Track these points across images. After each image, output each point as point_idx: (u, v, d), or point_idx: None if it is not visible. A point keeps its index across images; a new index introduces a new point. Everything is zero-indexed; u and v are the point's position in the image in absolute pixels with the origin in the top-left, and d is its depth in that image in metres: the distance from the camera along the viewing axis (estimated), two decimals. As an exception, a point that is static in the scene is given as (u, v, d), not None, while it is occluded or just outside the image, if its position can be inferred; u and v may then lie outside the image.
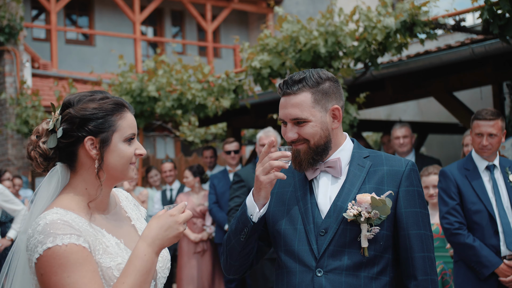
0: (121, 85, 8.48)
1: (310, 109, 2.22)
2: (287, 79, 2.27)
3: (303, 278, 2.19)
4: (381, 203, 2.15)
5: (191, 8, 16.22)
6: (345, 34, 6.05)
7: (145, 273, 1.78)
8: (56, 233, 1.76)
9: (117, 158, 1.92)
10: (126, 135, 1.92)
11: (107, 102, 1.92)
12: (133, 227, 2.06)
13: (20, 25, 11.62)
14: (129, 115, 1.96)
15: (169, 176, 8.01)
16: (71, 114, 1.90)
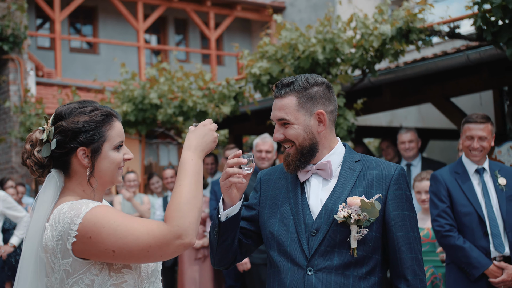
0: (123, 93, 8.58)
1: (294, 112, 2.34)
2: (278, 82, 2.40)
3: (294, 277, 2.27)
4: (370, 206, 2.23)
5: (195, 16, 16.35)
6: (342, 41, 6.13)
7: (196, 173, 1.93)
8: (86, 204, 1.91)
9: (108, 165, 2.05)
10: (115, 143, 2.06)
11: (97, 114, 2.05)
12: None
13: (24, 34, 11.75)
14: (117, 124, 2.09)
15: (170, 183, 8.08)
16: (64, 127, 2.03)
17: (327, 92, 2.39)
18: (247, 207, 2.50)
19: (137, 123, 8.60)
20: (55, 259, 1.90)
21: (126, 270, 1.92)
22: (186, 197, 1.84)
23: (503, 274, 3.97)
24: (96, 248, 1.85)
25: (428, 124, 11.02)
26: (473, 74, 6.31)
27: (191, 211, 1.82)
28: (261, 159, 5.99)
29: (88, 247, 1.86)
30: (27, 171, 11.61)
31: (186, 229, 1.80)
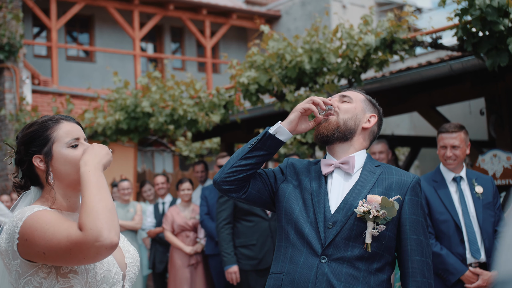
0: (116, 101, 8.68)
1: (357, 99, 2.65)
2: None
3: (308, 260, 2.41)
4: (390, 204, 2.38)
5: (190, 24, 16.48)
6: (329, 51, 6.24)
7: (96, 181, 1.98)
8: (31, 208, 2.00)
9: (65, 165, 2.13)
10: (66, 141, 2.14)
11: (42, 122, 2.17)
12: None
13: (19, 43, 11.86)
14: (65, 124, 2.18)
15: (161, 189, 8.17)
16: (17, 145, 2.18)
17: (379, 113, 2.70)
18: (271, 172, 2.64)
19: (130, 131, 8.69)
20: (8, 260, 2.00)
21: (72, 275, 2.00)
22: (92, 203, 1.91)
23: (479, 280, 4.06)
24: (31, 250, 1.94)
25: (420, 132, 11.11)
26: (457, 84, 6.42)
27: (101, 214, 1.88)
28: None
29: (27, 249, 1.95)
30: (22, 179, 11.68)
31: (100, 230, 1.85)
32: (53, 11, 14.23)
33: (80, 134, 2.19)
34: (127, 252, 2.23)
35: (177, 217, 7.28)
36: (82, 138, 2.19)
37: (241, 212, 6.02)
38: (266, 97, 9.08)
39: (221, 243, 6.05)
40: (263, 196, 2.58)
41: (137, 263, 2.25)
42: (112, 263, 2.09)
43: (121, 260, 2.18)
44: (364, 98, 2.65)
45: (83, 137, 2.20)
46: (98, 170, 2.03)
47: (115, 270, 2.10)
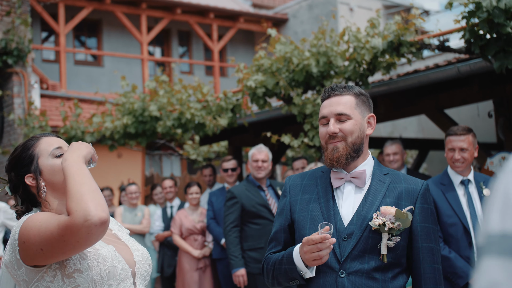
0: (124, 105, 8.71)
1: (352, 109, 2.50)
2: (333, 85, 2.57)
3: (327, 279, 2.41)
4: (404, 216, 2.38)
5: (198, 28, 16.52)
6: (336, 54, 6.23)
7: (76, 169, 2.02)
8: (29, 214, 2.07)
9: (54, 173, 2.19)
10: (50, 151, 2.21)
11: (23, 144, 2.25)
12: (113, 234, 2.34)
13: (28, 48, 11.93)
14: (45, 139, 2.26)
15: (169, 193, 8.19)
16: (7, 173, 2.26)
17: (372, 106, 2.61)
18: (281, 214, 2.62)
19: (138, 135, 8.72)
20: (14, 271, 2.05)
21: (77, 274, 2.03)
22: (75, 187, 1.94)
23: None
24: (30, 250, 1.97)
25: (428, 135, 11.08)
26: (465, 86, 6.40)
27: (84, 195, 1.91)
28: (257, 169, 6.11)
29: (26, 251, 1.98)
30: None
31: (85, 209, 1.87)
32: (61, 16, 14.31)
33: (61, 143, 2.25)
34: (135, 250, 2.26)
35: (185, 221, 7.29)
36: (64, 146, 2.25)
37: (248, 215, 6.02)
38: (273, 101, 9.09)
39: (228, 246, 6.05)
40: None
41: (147, 261, 2.27)
42: (117, 259, 2.11)
43: (129, 258, 2.20)
44: (355, 101, 2.52)
45: (65, 146, 2.25)
46: (78, 162, 2.06)
47: (121, 266, 2.12)
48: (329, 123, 2.49)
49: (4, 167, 2.29)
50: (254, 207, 5.99)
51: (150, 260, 2.31)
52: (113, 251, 2.12)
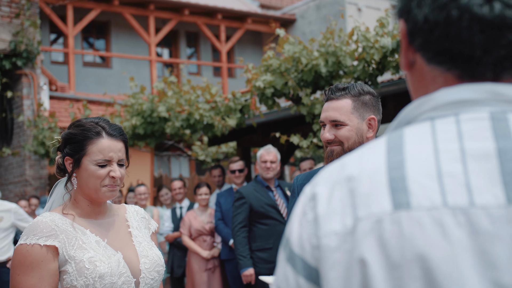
0: (132, 106, 8.73)
1: (348, 114, 2.43)
2: (333, 86, 2.49)
3: None
4: None
5: (206, 29, 16.54)
6: (345, 54, 6.21)
7: None
8: (31, 233, 2.05)
9: (88, 178, 2.18)
10: (96, 159, 2.17)
11: (84, 130, 2.20)
12: (128, 232, 2.30)
13: (37, 50, 11.98)
14: (103, 141, 2.18)
15: (178, 194, 8.19)
16: (61, 137, 2.26)
17: (377, 102, 2.51)
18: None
19: (146, 136, 8.73)
20: None
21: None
22: None
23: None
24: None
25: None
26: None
27: None
28: (266, 170, 6.10)
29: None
30: (40, 184, 11.80)
31: None
32: (70, 17, 14.36)
33: (114, 156, 2.19)
34: (144, 257, 2.22)
35: (194, 222, 7.29)
36: (115, 160, 2.20)
37: (257, 216, 6.02)
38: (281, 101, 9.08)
39: (236, 247, 6.04)
40: None
41: (156, 268, 2.23)
42: (119, 273, 2.09)
43: (134, 266, 2.17)
44: (353, 105, 2.44)
45: (117, 159, 2.20)
46: None
47: (122, 280, 2.09)
48: (325, 129, 2.47)
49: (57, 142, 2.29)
50: (263, 208, 5.98)
51: (161, 266, 2.26)
52: (116, 263, 2.09)
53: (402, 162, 0.83)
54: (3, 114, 12.37)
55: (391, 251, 0.78)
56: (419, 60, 0.91)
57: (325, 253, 0.83)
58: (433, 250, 0.76)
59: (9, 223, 6.87)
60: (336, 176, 0.87)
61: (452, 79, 0.89)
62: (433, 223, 0.78)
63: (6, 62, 11.70)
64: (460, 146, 0.83)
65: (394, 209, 0.80)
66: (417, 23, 0.89)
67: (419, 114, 0.89)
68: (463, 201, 0.78)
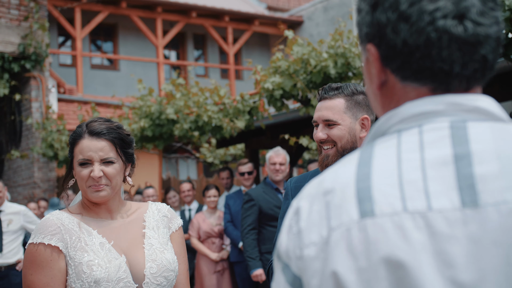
0: (141, 109, 8.73)
1: (341, 114, 2.40)
2: (326, 86, 2.46)
3: None
4: None
5: (213, 31, 16.54)
6: (354, 55, 6.20)
7: None
8: (38, 231, 2.07)
9: (77, 179, 2.21)
10: (77, 159, 2.18)
11: (74, 131, 2.23)
12: (142, 233, 2.24)
13: (45, 52, 12.01)
14: (83, 141, 2.17)
15: (187, 196, 8.18)
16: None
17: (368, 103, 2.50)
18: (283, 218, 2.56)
19: (155, 138, 8.73)
20: None
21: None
22: None
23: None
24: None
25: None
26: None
27: None
28: (275, 172, 6.08)
29: None
30: (49, 186, 11.82)
31: None
32: (78, 20, 14.40)
33: (94, 155, 2.16)
34: (151, 261, 2.15)
35: (203, 224, 7.28)
36: (95, 159, 2.16)
37: (266, 218, 6.00)
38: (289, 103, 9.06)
39: (246, 249, 6.02)
40: None
41: (164, 273, 2.15)
42: (118, 278, 2.05)
43: (139, 270, 2.12)
44: (346, 104, 2.41)
45: (98, 159, 2.16)
46: None
47: (121, 285, 2.06)
48: (318, 128, 2.44)
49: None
50: (272, 210, 5.97)
51: (170, 271, 2.18)
52: (116, 268, 2.06)
53: (369, 174, 0.89)
54: (11, 116, 12.41)
55: (359, 256, 0.84)
56: (392, 79, 0.97)
57: (306, 263, 0.89)
58: (395, 252, 0.82)
59: (18, 225, 6.88)
60: (315, 190, 0.94)
61: (425, 92, 0.95)
62: (395, 227, 0.84)
63: (15, 65, 11.74)
64: (420, 155, 0.89)
65: (361, 218, 0.86)
66: (395, 48, 0.94)
67: (389, 127, 0.96)
68: (421, 206, 0.84)
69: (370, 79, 1.01)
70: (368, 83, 1.03)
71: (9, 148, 12.51)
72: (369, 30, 0.97)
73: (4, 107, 12.67)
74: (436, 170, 0.87)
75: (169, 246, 2.25)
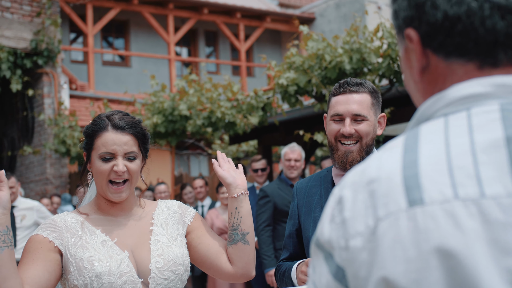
0: (153, 105, 8.71)
1: (368, 109, 2.36)
2: (348, 80, 2.39)
3: None
4: None
5: (225, 28, 16.51)
6: (369, 51, 6.13)
7: None
8: (41, 226, 2.10)
9: (95, 174, 2.15)
10: (99, 152, 2.11)
11: (93, 124, 2.17)
12: (149, 231, 2.21)
13: (58, 48, 12.03)
14: (107, 134, 2.12)
15: (200, 192, 8.16)
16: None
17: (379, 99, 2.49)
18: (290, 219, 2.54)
19: (167, 134, 8.71)
20: None
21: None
22: None
23: None
24: None
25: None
26: None
27: None
28: (290, 168, 6.01)
29: None
30: (61, 182, 11.83)
31: None
32: (89, 17, 14.41)
33: (118, 149, 2.12)
34: (157, 256, 2.12)
35: (216, 220, 7.25)
36: (119, 154, 2.12)
37: (281, 214, 5.95)
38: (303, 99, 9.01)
39: (260, 246, 5.97)
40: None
41: (171, 267, 2.12)
42: (120, 272, 2.02)
43: (144, 266, 2.09)
44: (371, 100, 2.37)
45: (122, 153, 2.12)
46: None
47: (124, 279, 2.03)
48: (344, 123, 2.35)
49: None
50: (287, 206, 5.90)
51: (179, 264, 2.15)
52: (117, 263, 2.03)
53: (416, 160, 0.87)
54: (24, 112, 12.44)
55: (409, 246, 0.82)
56: (434, 60, 0.95)
57: (353, 254, 0.88)
58: (447, 241, 0.80)
59: (31, 221, 6.88)
60: (358, 179, 0.92)
61: (472, 68, 0.92)
62: (446, 215, 0.81)
63: (27, 61, 11.76)
64: (470, 139, 0.86)
65: (409, 206, 0.84)
66: (435, 23, 0.92)
67: (434, 111, 0.94)
68: (473, 193, 0.82)
69: (410, 67, 0.99)
70: (408, 72, 1.00)
71: (22, 144, 12.55)
72: (407, 13, 0.96)
73: (17, 103, 12.71)
74: (487, 155, 0.84)
75: (178, 241, 2.21)
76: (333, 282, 0.91)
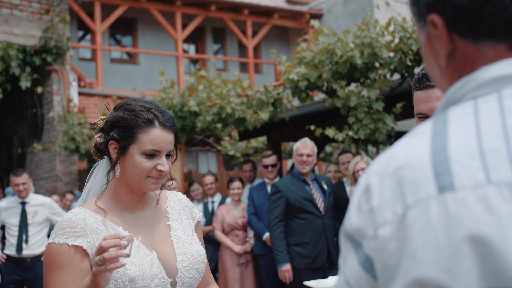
0: (162, 101, 8.71)
1: None
2: (425, 72, 2.01)
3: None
4: None
5: (232, 25, 16.49)
6: (381, 45, 6.11)
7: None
8: (60, 231, 1.96)
9: (132, 168, 2.03)
10: (144, 149, 2.01)
11: (136, 116, 2.04)
12: (167, 226, 2.16)
13: (67, 46, 12.04)
14: (155, 131, 2.03)
15: (210, 189, 8.16)
16: (107, 118, 2.10)
17: None
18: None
19: (177, 131, 8.70)
20: None
21: None
22: None
23: None
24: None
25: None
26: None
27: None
28: (302, 163, 5.98)
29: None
30: (70, 179, 11.86)
31: None
32: (97, 14, 14.42)
33: (164, 147, 2.04)
34: (182, 254, 2.08)
35: (227, 216, 7.24)
36: (164, 152, 2.05)
37: (293, 210, 5.92)
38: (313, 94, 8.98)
39: (273, 241, 5.94)
40: None
41: (195, 265, 2.09)
42: (152, 274, 1.97)
43: (171, 265, 2.05)
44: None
45: (166, 151, 2.05)
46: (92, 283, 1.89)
47: (156, 282, 1.98)
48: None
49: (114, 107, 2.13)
50: (299, 202, 5.88)
51: (201, 262, 2.12)
52: (149, 265, 1.97)
53: (445, 145, 0.84)
54: (33, 110, 12.47)
55: (439, 233, 0.80)
56: (462, 44, 0.92)
57: (382, 243, 0.85)
58: (480, 227, 0.77)
59: (43, 217, 6.90)
60: (385, 166, 0.89)
61: (503, 50, 0.89)
62: (478, 200, 0.79)
63: (37, 58, 11.79)
64: (502, 122, 0.83)
65: (439, 192, 0.81)
66: (462, 6, 0.89)
67: (463, 94, 0.90)
68: (507, 176, 0.79)
69: (435, 54, 0.96)
70: (432, 59, 0.97)
71: (31, 141, 12.58)
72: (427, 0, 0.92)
73: (26, 100, 12.74)
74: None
75: (195, 237, 2.18)
76: (362, 272, 0.89)
